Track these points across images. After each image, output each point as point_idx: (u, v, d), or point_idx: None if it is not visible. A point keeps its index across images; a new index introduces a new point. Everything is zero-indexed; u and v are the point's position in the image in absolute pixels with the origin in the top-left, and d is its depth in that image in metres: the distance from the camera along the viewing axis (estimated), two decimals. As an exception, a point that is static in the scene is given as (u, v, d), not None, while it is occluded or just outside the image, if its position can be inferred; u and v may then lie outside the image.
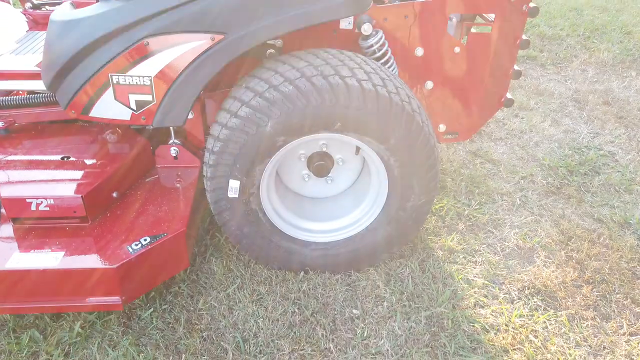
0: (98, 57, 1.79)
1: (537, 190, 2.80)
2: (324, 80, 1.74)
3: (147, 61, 1.79)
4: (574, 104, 3.75)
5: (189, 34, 1.76)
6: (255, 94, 1.77)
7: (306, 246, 2.08)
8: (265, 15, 1.75)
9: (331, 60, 1.82)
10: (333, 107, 1.74)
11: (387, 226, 2.04)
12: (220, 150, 1.81)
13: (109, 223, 1.88)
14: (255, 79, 1.84)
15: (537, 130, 3.39)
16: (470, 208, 2.62)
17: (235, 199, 1.90)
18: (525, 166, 3.02)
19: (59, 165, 1.98)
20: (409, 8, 2.14)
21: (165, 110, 1.86)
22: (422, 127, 1.84)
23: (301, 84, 1.73)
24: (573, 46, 4.62)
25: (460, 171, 2.95)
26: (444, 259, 2.27)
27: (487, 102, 2.41)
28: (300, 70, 1.77)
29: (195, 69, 1.80)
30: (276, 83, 1.76)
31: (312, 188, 2.24)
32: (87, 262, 1.70)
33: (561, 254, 2.33)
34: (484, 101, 2.40)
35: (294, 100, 1.73)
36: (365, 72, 1.80)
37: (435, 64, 2.27)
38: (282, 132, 1.78)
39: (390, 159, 1.88)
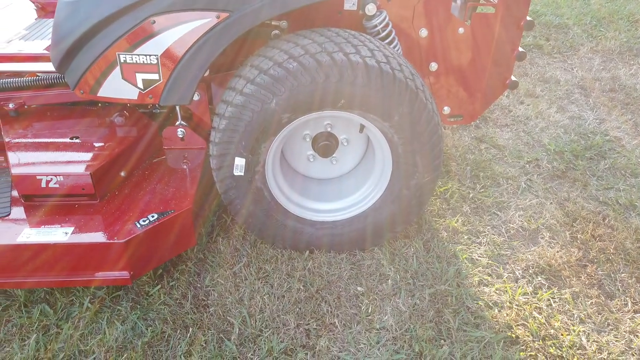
0: (105, 36, 1.82)
1: (542, 174, 2.80)
2: (328, 56, 1.75)
3: (153, 40, 1.82)
4: (580, 91, 3.74)
5: (195, 12, 1.78)
6: (259, 71, 1.79)
7: (311, 225, 2.10)
8: (269, -7, 1.77)
9: (335, 38, 1.83)
10: (337, 83, 1.76)
11: (392, 205, 2.06)
12: (225, 128, 1.84)
13: (117, 201, 1.91)
14: (260, 57, 1.86)
15: (542, 116, 3.39)
16: (475, 191, 2.63)
17: (240, 177, 1.92)
18: (530, 151, 3.02)
19: (68, 145, 2.01)
20: (413, -12, 2.15)
21: (171, 88, 1.89)
22: (426, 104, 1.85)
23: (305, 61, 1.75)
24: (579, 35, 4.61)
25: (465, 156, 2.95)
26: (449, 240, 2.28)
27: (492, 84, 2.41)
28: (305, 47, 1.79)
29: (201, 47, 1.82)
30: (280, 60, 1.78)
31: (317, 169, 2.26)
32: (96, 237, 1.74)
33: (566, 235, 2.33)
34: (488, 83, 2.40)
35: (298, 77, 1.75)
36: (369, 50, 1.82)
37: (440, 45, 2.27)
38: (287, 109, 1.80)
39: (394, 136, 1.89)
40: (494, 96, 2.49)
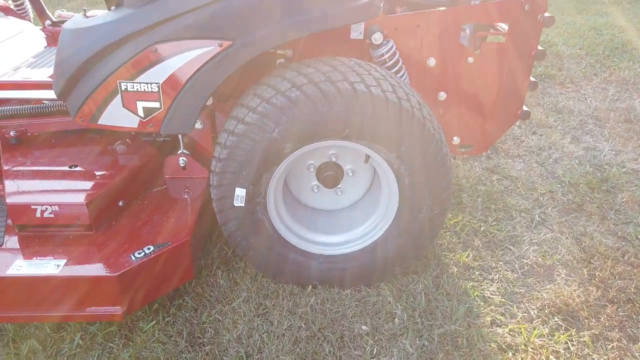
0: (107, 64, 1.79)
1: (557, 207, 2.69)
2: (332, 85, 1.70)
3: (155, 68, 1.79)
4: (594, 121, 3.65)
5: (197, 40, 1.75)
6: (262, 100, 1.75)
7: (315, 259, 2.01)
8: (272, 21, 1.73)
9: (339, 67, 1.79)
10: (341, 113, 1.70)
11: (399, 239, 1.97)
12: (226, 157, 1.78)
13: (113, 232, 1.85)
14: (262, 85, 1.82)
15: (556, 147, 3.30)
16: (486, 224, 2.53)
17: (241, 208, 1.85)
18: (544, 183, 2.92)
19: (66, 174, 1.97)
20: (420, 17, 2.11)
21: (172, 117, 1.85)
22: (434, 134, 1.79)
23: (308, 90, 1.70)
24: (592, 65, 4.55)
25: (476, 187, 2.86)
26: (459, 276, 2.18)
27: (503, 115, 2.35)
28: (308, 76, 1.74)
29: (203, 76, 1.78)
30: (283, 89, 1.73)
31: (322, 200, 2.18)
32: (88, 270, 1.67)
33: (583, 272, 2.21)
34: (499, 113, 2.34)
35: (301, 106, 1.70)
36: (374, 79, 1.76)
37: (448, 74, 2.22)
38: (289, 138, 1.74)
39: (401, 167, 1.82)
40: (505, 127, 2.42)
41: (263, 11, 1.73)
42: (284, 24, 1.74)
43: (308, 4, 1.73)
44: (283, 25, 1.74)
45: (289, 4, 1.73)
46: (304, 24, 1.75)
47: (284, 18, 1.73)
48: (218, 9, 1.72)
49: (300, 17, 1.74)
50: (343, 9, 1.76)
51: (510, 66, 2.23)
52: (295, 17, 1.73)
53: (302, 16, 1.74)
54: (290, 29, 1.74)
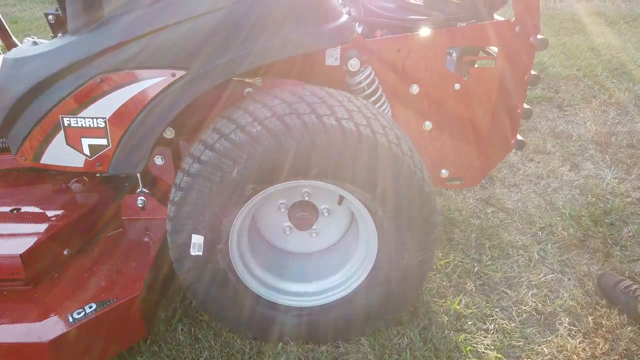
0: (48, 97, 1.61)
1: (557, 243, 2.47)
2: (298, 119, 1.50)
3: (100, 101, 1.60)
4: (595, 147, 3.46)
5: (147, 70, 1.56)
6: (220, 135, 1.55)
7: (286, 312, 1.79)
8: (232, 48, 1.55)
9: (308, 97, 1.59)
10: (308, 150, 1.50)
11: (379, 288, 1.75)
12: (181, 201, 1.57)
13: (54, 286, 1.63)
14: (223, 119, 1.62)
15: (555, 175, 3.09)
16: (480, 264, 2.31)
17: (199, 257, 1.64)
18: (543, 215, 2.71)
19: (5, 218, 1.76)
20: (401, 41, 1.93)
21: (122, 155, 1.65)
22: (414, 172, 1.58)
23: (271, 124, 1.50)
24: (591, 87, 4.37)
25: (469, 221, 2.65)
26: (450, 326, 1.95)
27: (495, 145, 2.15)
28: (272, 108, 1.55)
29: (155, 109, 1.59)
30: (244, 123, 1.53)
31: (295, 242, 1.97)
32: (16, 335, 1.44)
33: (588, 321, 1.98)
34: (491, 144, 2.14)
35: (263, 142, 1.49)
36: (346, 111, 1.57)
37: (434, 102, 2.04)
38: (251, 179, 1.54)
39: (379, 210, 1.61)
40: (498, 157, 2.22)
41: (221, 37, 1.54)
42: (243, 52, 1.56)
43: (270, 29, 1.55)
44: (243, 53, 1.56)
45: (249, 30, 1.55)
46: (267, 50, 1.57)
47: (243, 45, 1.55)
48: (170, 35, 1.54)
49: (263, 43, 1.55)
50: (311, 35, 1.58)
51: (501, 92, 2.05)
52: (256, 43, 1.55)
53: (264, 43, 1.55)
54: (252, 55, 1.56)
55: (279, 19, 1.55)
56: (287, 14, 1.56)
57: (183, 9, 1.54)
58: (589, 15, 6.70)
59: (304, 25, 1.57)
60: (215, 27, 1.54)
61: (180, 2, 1.55)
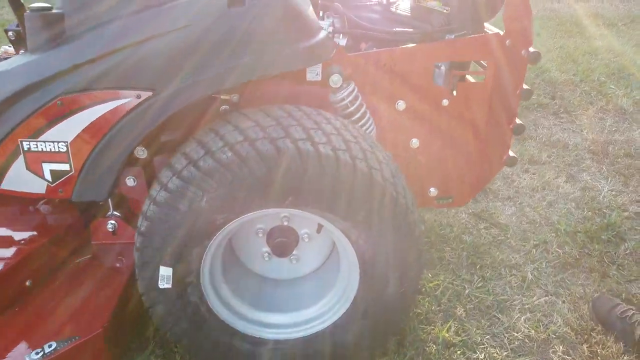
0: (5, 120, 1.51)
1: (551, 262, 2.38)
2: (271, 144, 1.40)
3: (62, 124, 1.50)
4: (591, 156, 3.36)
5: (110, 91, 1.46)
6: (188, 161, 1.45)
7: (262, 345, 1.69)
8: (200, 68, 1.45)
9: (284, 119, 1.49)
10: (282, 177, 1.40)
11: (362, 320, 1.65)
12: (147, 231, 1.47)
13: (13, 323, 1.53)
14: (193, 142, 1.52)
15: (550, 187, 3.00)
16: (471, 286, 2.21)
17: (168, 290, 1.54)
18: (537, 231, 2.61)
19: (-37, 246, 1.66)
20: (386, 56, 1.83)
21: (85, 181, 1.55)
22: (397, 199, 1.48)
23: (242, 150, 1.40)
24: (588, 92, 4.27)
25: (461, 238, 2.55)
26: (438, 356, 1.85)
27: (486, 162, 2.05)
28: (244, 132, 1.45)
29: (120, 132, 1.49)
30: (214, 148, 1.43)
31: (274, 268, 1.87)
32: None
33: (583, 349, 1.88)
34: (481, 161, 2.04)
35: (234, 170, 1.39)
36: (324, 134, 1.47)
37: (421, 119, 1.94)
38: (221, 208, 1.44)
39: (359, 239, 1.51)
40: (489, 175, 2.12)
41: (188, 57, 1.44)
42: (211, 72, 1.46)
43: (241, 49, 1.45)
44: (210, 74, 1.46)
45: (217, 49, 1.45)
46: (235, 71, 1.46)
47: (211, 65, 1.45)
48: (134, 54, 1.44)
49: (233, 62, 1.45)
50: (285, 54, 1.48)
51: (492, 108, 1.95)
52: (225, 64, 1.45)
53: (236, 62, 1.45)
54: (221, 76, 1.46)
55: (250, 37, 1.45)
56: (259, 32, 1.46)
57: (147, 26, 1.45)
58: (586, 16, 6.60)
59: (278, 43, 1.47)
60: (182, 46, 1.44)
61: (144, 20, 1.45)
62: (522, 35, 1.86)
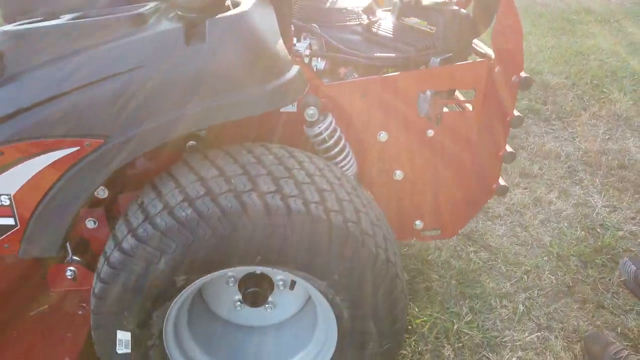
0: (-57, 171, 1.36)
1: (544, 290, 2.27)
2: (235, 200, 1.26)
3: (4, 175, 1.34)
4: (584, 167, 3.25)
5: (56, 139, 1.31)
6: (145, 217, 1.30)
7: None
8: (156, 113, 1.30)
9: (252, 166, 1.35)
10: (249, 236, 1.27)
11: (341, 377, 1.53)
12: (102, 294, 1.33)
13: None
14: (151, 192, 1.38)
15: (542, 204, 2.88)
16: (460, 320, 2.10)
17: (127, 355, 1.40)
18: (529, 255, 2.50)
19: None
20: (366, 85, 1.70)
21: (32, 236, 1.40)
22: (377, 254, 1.35)
23: (204, 207, 1.26)
24: (580, 97, 4.15)
25: (450, 263, 2.43)
26: (424, 406, 1.74)
27: (474, 192, 1.94)
28: (207, 183, 1.30)
29: (68, 184, 1.34)
30: (172, 203, 1.29)
31: (247, 317, 1.74)
32: None
33: (578, 396, 1.79)
34: (469, 191, 1.92)
35: (194, 229, 1.25)
36: (296, 184, 1.33)
37: (404, 150, 1.81)
38: (182, 270, 1.30)
39: (336, 297, 1.38)
40: (477, 205, 2.01)
41: (143, 100, 1.30)
42: (170, 116, 1.31)
43: (202, 90, 1.30)
44: (169, 118, 1.31)
45: (176, 90, 1.30)
46: (199, 115, 1.32)
47: (170, 108, 1.30)
48: (83, 98, 1.29)
49: (195, 106, 1.30)
50: (250, 95, 1.33)
51: (480, 138, 1.82)
52: (185, 106, 1.30)
53: (198, 106, 1.30)
54: (180, 121, 1.31)
55: (211, 78, 1.30)
56: (222, 72, 1.31)
57: (97, 67, 1.29)
58: (577, 12, 6.46)
59: (244, 84, 1.32)
60: (135, 88, 1.29)
61: (93, 59, 1.30)
62: (512, 61, 1.73)
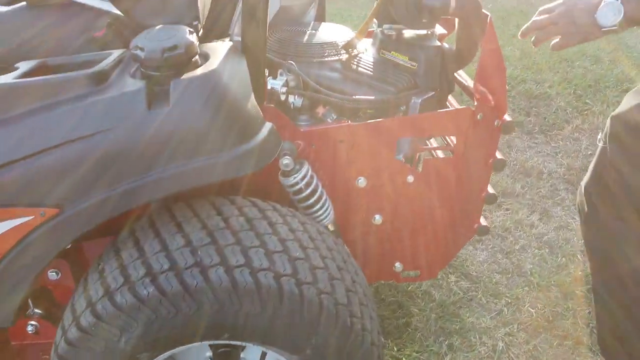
0: None
1: (524, 324, 2.25)
2: (201, 276, 1.19)
3: (-50, 245, 1.25)
4: (566, 186, 3.23)
5: (7, 208, 1.22)
6: (104, 291, 1.22)
7: None
8: (116, 182, 1.22)
9: (220, 234, 1.27)
10: (215, 314, 1.20)
11: None
12: (60, 369, 1.26)
13: None
14: (112, 259, 1.29)
15: (523, 228, 2.85)
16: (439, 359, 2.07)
17: None
18: (509, 284, 2.47)
19: None
20: (344, 131, 1.62)
21: (-16, 306, 1.32)
22: (352, 325, 1.29)
23: (167, 284, 1.18)
24: (564, 108, 4.12)
25: (430, 293, 2.40)
26: None
27: (454, 234, 1.89)
28: (171, 255, 1.23)
29: (22, 254, 1.26)
30: (134, 278, 1.21)
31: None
32: None
33: None
34: (449, 233, 1.87)
35: (157, 307, 1.18)
36: (266, 253, 1.26)
37: (384, 196, 1.74)
38: (144, 347, 1.23)
39: (309, 370, 1.33)
40: (457, 246, 1.97)
41: (102, 168, 1.21)
42: (130, 185, 1.22)
43: (166, 157, 1.22)
44: (130, 186, 1.22)
45: (137, 157, 1.21)
46: (162, 182, 1.23)
47: (130, 176, 1.22)
48: (37, 165, 1.20)
49: (154, 174, 1.22)
50: (218, 161, 1.25)
51: (461, 181, 1.77)
52: (147, 174, 1.22)
53: (157, 173, 1.22)
54: (139, 190, 1.23)
55: (175, 144, 1.22)
56: (187, 137, 1.22)
57: (52, 132, 1.20)
58: (563, 13, 6.41)
59: (211, 150, 1.24)
60: (93, 155, 1.20)
61: (48, 123, 1.21)
62: (495, 107, 1.67)
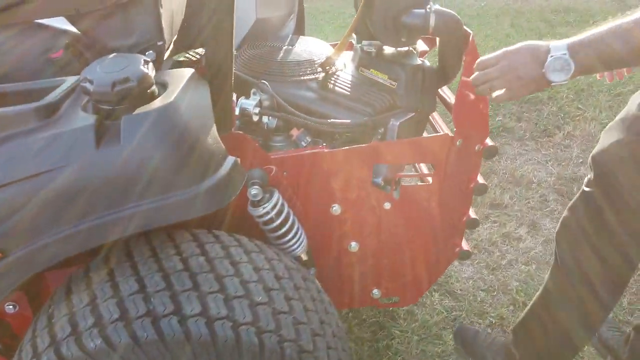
0: None
1: (507, 347, 2.19)
2: (152, 328, 1.11)
3: None
4: (555, 197, 3.16)
5: (-55, 253, 1.14)
6: (51, 341, 1.15)
7: None
8: (63, 225, 1.13)
9: (176, 277, 1.19)
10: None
11: None
12: (5, 421, 1.19)
13: None
14: (62, 302, 1.22)
15: (510, 241, 2.79)
16: (419, 386, 2.01)
17: None
18: (494, 303, 2.41)
19: None
20: (317, 158, 1.54)
21: None
22: (318, 374, 1.22)
23: (115, 336, 1.10)
24: (555, 114, 4.05)
25: (413, 312, 2.33)
26: None
27: (434, 260, 1.82)
28: (122, 303, 1.15)
29: (-36, 300, 1.18)
30: (82, 327, 1.13)
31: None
32: None
33: None
34: (429, 260, 1.80)
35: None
36: (225, 299, 1.18)
37: (360, 223, 1.67)
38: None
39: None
40: (438, 271, 1.90)
41: (46, 210, 1.12)
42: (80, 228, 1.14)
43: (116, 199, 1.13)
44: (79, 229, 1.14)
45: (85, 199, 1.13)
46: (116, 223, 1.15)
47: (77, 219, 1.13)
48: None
49: (102, 217, 1.14)
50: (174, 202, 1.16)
51: (442, 205, 1.69)
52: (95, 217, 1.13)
53: (106, 216, 1.14)
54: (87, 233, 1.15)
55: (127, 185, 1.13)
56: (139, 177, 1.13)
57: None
58: (557, 12, 6.31)
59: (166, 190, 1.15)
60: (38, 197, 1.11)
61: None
62: (475, 132, 1.59)
